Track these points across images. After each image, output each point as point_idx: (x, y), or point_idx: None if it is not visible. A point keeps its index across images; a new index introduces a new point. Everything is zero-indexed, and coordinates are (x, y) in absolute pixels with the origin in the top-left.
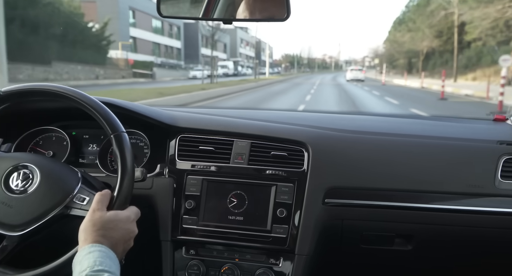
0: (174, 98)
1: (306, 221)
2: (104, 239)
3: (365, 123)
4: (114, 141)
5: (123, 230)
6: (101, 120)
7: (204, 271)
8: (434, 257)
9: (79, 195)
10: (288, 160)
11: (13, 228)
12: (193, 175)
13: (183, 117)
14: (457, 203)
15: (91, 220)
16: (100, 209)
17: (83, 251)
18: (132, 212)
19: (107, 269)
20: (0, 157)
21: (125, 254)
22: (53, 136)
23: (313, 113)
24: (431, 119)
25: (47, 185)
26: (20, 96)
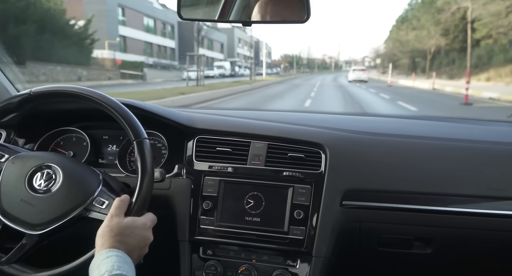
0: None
1: (324, 223)
2: (120, 245)
3: (383, 125)
4: (136, 147)
5: (139, 236)
6: (124, 125)
7: (221, 271)
8: (454, 261)
9: (99, 198)
10: (305, 161)
11: (33, 226)
12: (210, 176)
13: (201, 119)
14: (478, 206)
15: (109, 225)
16: (118, 215)
17: (101, 256)
18: (149, 219)
19: (125, 274)
20: (25, 156)
21: (140, 260)
22: (73, 137)
23: (331, 115)
24: (451, 121)
25: (69, 186)
26: (46, 97)
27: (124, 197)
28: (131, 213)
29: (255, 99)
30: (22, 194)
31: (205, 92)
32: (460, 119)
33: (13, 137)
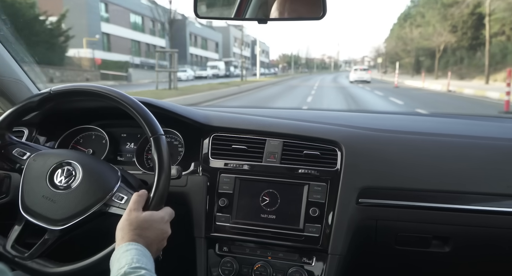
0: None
1: (340, 220)
2: (140, 238)
3: (399, 123)
4: (153, 143)
5: (158, 230)
6: (141, 122)
7: (237, 268)
8: (472, 260)
9: (118, 193)
10: (320, 159)
11: (55, 222)
12: (226, 173)
13: (217, 117)
14: (497, 204)
15: (128, 219)
16: (136, 209)
17: (121, 249)
18: (167, 213)
19: (144, 266)
20: (46, 154)
21: (159, 253)
22: (92, 135)
23: (346, 113)
24: (467, 118)
25: (89, 182)
26: (66, 96)
27: (142, 192)
28: (149, 208)
29: (237, 106)
30: (43, 191)
31: (175, 98)
32: (477, 116)
33: (35, 135)
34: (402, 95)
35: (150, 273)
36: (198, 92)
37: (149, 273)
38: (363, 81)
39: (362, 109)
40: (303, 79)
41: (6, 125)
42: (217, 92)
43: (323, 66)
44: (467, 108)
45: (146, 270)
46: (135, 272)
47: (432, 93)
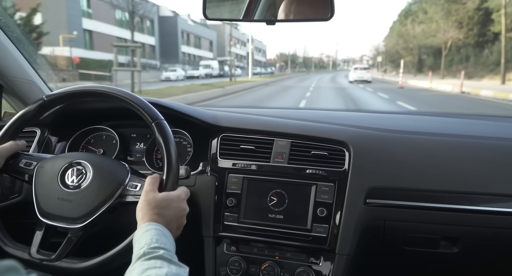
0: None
1: (347, 221)
2: (159, 217)
3: (408, 123)
4: (156, 129)
5: (175, 208)
6: (140, 111)
7: (245, 267)
8: (481, 261)
9: (131, 182)
10: (328, 159)
11: (75, 220)
12: (234, 173)
13: (225, 117)
14: (507, 205)
15: (146, 199)
16: (152, 190)
17: (141, 229)
18: (183, 191)
19: (163, 246)
20: (53, 158)
21: (179, 231)
22: (103, 135)
23: (354, 113)
24: (479, 118)
25: (100, 178)
26: (61, 100)
27: (155, 175)
28: (165, 189)
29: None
30: (58, 193)
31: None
32: (486, 116)
33: (47, 135)
34: (411, 98)
35: (168, 253)
36: (170, 96)
37: (167, 252)
38: (364, 81)
39: (369, 109)
40: (299, 79)
41: (9, 138)
42: (191, 97)
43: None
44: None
45: (165, 249)
46: (154, 252)
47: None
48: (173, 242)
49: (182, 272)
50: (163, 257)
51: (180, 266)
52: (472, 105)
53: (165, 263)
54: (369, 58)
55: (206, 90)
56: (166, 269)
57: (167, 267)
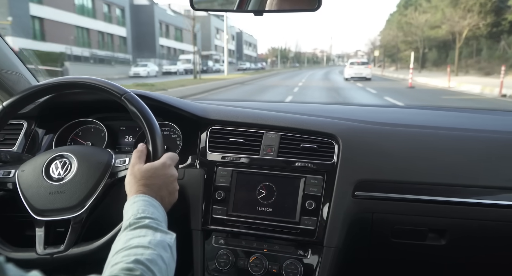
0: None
1: (335, 213)
2: (146, 188)
3: (397, 116)
4: (126, 102)
5: (162, 175)
6: (105, 90)
7: (233, 260)
8: (468, 253)
9: (118, 159)
10: (317, 152)
11: (73, 208)
12: (223, 166)
13: (214, 110)
14: (494, 197)
15: (132, 173)
16: (137, 163)
17: (129, 202)
18: (167, 158)
19: (149, 216)
20: (31, 160)
21: (174, 197)
22: (91, 128)
23: (344, 106)
24: (468, 111)
25: (86, 163)
26: (19, 104)
27: (140, 146)
28: (153, 159)
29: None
30: (48, 189)
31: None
32: (476, 109)
33: (34, 128)
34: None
35: (155, 221)
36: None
37: (153, 221)
38: (361, 79)
39: (360, 103)
40: (288, 75)
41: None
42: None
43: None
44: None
45: (151, 219)
46: (139, 222)
47: (477, 100)
48: (163, 211)
49: (168, 239)
50: (148, 225)
51: (166, 233)
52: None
53: (150, 231)
54: (364, 53)
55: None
56: (150, 237)
57: (152, 235)
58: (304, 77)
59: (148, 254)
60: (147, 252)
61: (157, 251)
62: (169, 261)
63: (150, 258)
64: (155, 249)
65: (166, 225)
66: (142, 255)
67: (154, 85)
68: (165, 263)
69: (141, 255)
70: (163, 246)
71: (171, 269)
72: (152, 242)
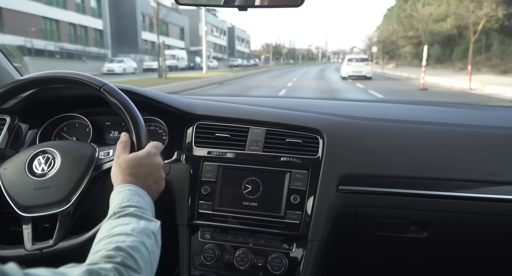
0: None
1: (320, 207)
2: (132, 178)
3: (382, 111)
4: (106, 94)
5: (147, 164)
6: (84, 83)
7: (219, 255)
8: (449, 246)
9: (102, 152)
10: (303, 147)
11: (60, 203)
12: (209, 162)
13: (200, 105)
14: (475, 190)
15: (117, 164)
16: (122, 153)
17: (114, 191)
18: (152, 146)
19: (134, 204)
20: (13, 157)
21: (161, 185)
22: (76, 123)
23: (330, 101)
24: (451, 106)
25: (70, 157)
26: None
27: (123, 136)
28: (136, 149)
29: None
30: (33, 185)
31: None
32: (459, 104)
33: (17, 122)
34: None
35: (139, 210)
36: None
37: (138, 209)
38: (361, 78)
39: (345, 98)
40: (279, 73)
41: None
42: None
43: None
44: None
45: (136, 207)
46: (124, 211)
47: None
48: (150, 200)
49: (153, 226)
50: (133, 214)
51: (150, 220)
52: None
53: (134, 219)
54: (359, 50)
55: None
56: (134, 225)
57: (136, 223)
58: (296, 75)
59: (130, 241)
60: (129, 239)
61: (140, 238)
62: (152, 248)
63: (132, 245)
64: (138, 236)
65: (153, 214)
66: (124, 242)
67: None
68: (148, 250)
69: (122, 242)
70: (147, 233)
71: (155, 256)
72: (135, 229)
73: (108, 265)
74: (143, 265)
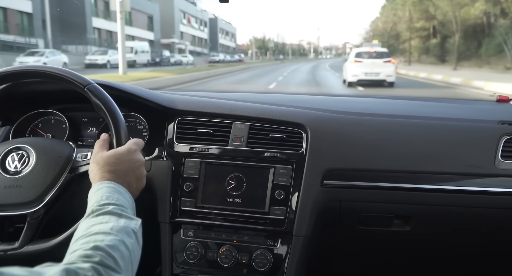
0: None
1: (304, 202)
2: (111, 174)
3: (365, 105)
4: (89, 93)
5: (127, 161)
6: (68, 80)
7: (202, 252)
8: (432, 238)
9: (79, 154)
10: (286, 142)
11: (30, 204)
12: (192, 158)
13: (182, 100)
14: (457, 183)
15: (94, 161)
16: (100, 151)
17: (93, 189)
18: (132, 143)
19: (113, 202)
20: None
21: (141, 182)
22: (52, 120)
23: (313, 96)
24: (433, 101)
25: (45, 157)
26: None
27: (102, 136)
28: (115, 147)
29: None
30: (3, 182)
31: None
32: (441, 99)
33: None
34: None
35: (119, 208)
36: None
37: (118, 207)
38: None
39: (328, 93)
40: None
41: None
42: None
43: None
44: None
45: (115, 205)
46: (102, 209)
47: None
48: (130, 197)
49: (133, 224)
50: (112, 212)
51: (131, 219)
52: None
53: (113, 218)
54: (352, 46)
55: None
56: (113, 223)
57: (115, 221)
58: (280, 76)
59: (109, 240)
60: (108, 238)
61: (120, 237)
62: (133, 247)
63: (111, 244)
64: (117, 235)
65: (134, 212)
66: (103, 241)
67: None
68: (128, 249)
69: (101, 241)
70: (127, 231)
71: (135, 256)
72: (115, 228)
73: (86, 265)
74: (123, 265)
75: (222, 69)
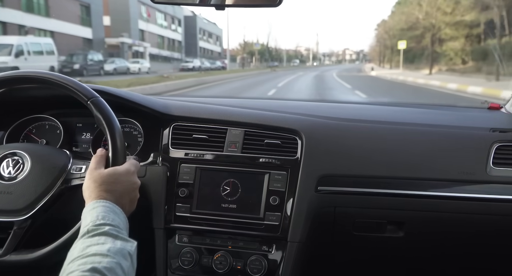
0: None
1: (299, 208)
2: (107, 194)
3: (359, 112)
4: (93, 106)
5: (125, 182)
6: (72, 91)
7: (197, 258)
8: (425, 244)
9: (74, 166)
10: (281, 148)
11: (18, 212)
12: (187, 163)
13: (177, 106)
14: (449, 189)
15: (91, 177)
16: (97, 168)
17: (88, 207)
18: (131, 164)
19: (109, 222)
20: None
21: (133, 205)
22: (46, 125)
23: (307, 102)
24: (426, 107)
25: (41, 164)
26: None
27: (99, 151)
28: (111, 165)
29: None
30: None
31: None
32: (434, 105)
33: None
34: None
35: (115, 229)
36: None
37: (114, 228)
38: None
39: (323, 99)
40: (231, 88)
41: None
42: None
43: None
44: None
45: (111, 226)
46: (99, 229)
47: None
48: (125, 218)
49: (129, 247)
50: (108, 233)
51: (127, 240)
52: None
53: (109, 239)
54: (352, 52)
55: None
56: (110, 245)
57: (111, 243)
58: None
59: (107, 262)
60: (105, 260)
61: (117, 259)
62: (128, 270)
63: (109, 266)
64: (115, 257)
65: (127, 233)
66: (100, 263)
67: None
68: (124, 272)
69: (98, 263)
70: (123, 254)
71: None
72: (112, 250)
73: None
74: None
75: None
